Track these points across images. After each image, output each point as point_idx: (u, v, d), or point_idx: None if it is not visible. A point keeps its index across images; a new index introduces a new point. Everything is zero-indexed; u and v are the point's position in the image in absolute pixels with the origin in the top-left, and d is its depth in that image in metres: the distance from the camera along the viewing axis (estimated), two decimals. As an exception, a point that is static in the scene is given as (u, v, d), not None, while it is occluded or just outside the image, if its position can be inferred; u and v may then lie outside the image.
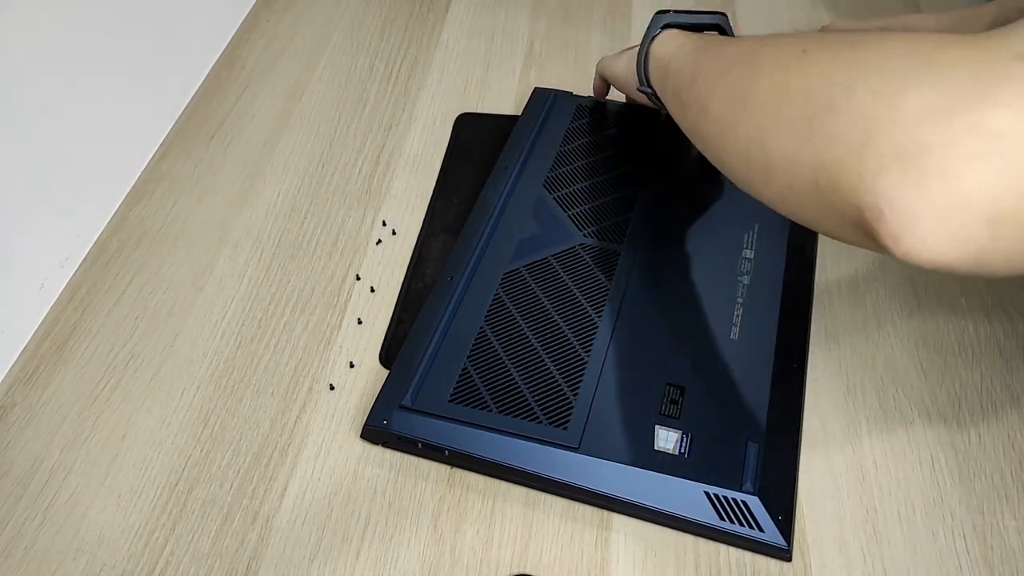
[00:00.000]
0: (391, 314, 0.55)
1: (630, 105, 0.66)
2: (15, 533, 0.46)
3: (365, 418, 0.48)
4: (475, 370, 0.48)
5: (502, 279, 0.53)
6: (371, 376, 0.52)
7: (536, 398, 0.47)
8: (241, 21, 0.78)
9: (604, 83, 0.62)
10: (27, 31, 0.53)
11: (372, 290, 0.57)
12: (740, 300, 0.51)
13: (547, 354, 0.49)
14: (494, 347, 0.49)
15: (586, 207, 0.57)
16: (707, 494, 0.43)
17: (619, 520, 0.45)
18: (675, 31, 0.50)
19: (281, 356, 0.53)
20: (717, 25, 0.52)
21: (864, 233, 0.31)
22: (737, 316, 0.50)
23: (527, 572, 0.43)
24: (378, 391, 0.48)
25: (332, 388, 0.51)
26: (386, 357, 0.53)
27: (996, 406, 0.49)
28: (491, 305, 0.52)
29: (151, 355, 0.54)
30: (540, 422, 0.46)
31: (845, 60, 0.34)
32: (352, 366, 0.52)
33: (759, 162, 0.37)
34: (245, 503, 0.47)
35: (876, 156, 0.30)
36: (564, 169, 0.60)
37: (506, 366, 0.48)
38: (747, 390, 0.47)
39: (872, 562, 0.43)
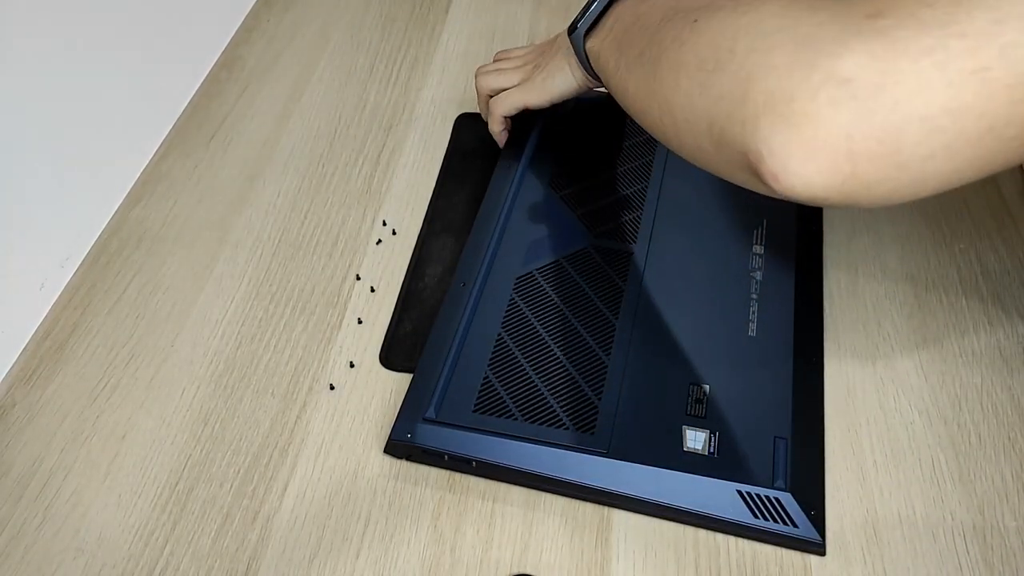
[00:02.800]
0: (391, 314, 0.55)
1: None
2: (15, 533, 0.46)
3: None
4: (496, 378, 0.48)
5: (515, 284, 0.53)
6: (371, 376, 0.52)
7: (561, 404, 0.47)
8: (241, 21, 0.78)
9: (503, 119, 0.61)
10: (27, 31, 0.53)
11: (372, 290, 0.57)
12: (755, 297, 0.51)
13: (568, 359, 0.49)
14: (514, 354, 0.49)
15: (594, 206, 0.57)
16: (740, 493, 0.43)
17: (619, 520, 0.45)
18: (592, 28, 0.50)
19: (281, 356, 0.53)
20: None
21: (754, 175, 0.35)
22: (753, 313, 0.50)
23: (527, 572, 0.43)
24: (378, 391, 0.48)
25: (332, 388, 0.51)
26: (386, 357, 0.53)
27: (996, 407, 0.49)
28: (507, 311, 0.51)
29: (151, 355, 0.54)
30: (567, 428, 0.46)
31: (728, 25, 0.38)
32: (352, 366, 0.52)
33: (671, 128, 0.41)
34: (245, 503, 0.47)
35: (753, 106, 0.34)
36: (570, 167, 0.60)
37: (527, 373, 0.48)
38: (770, 386, 0.47)
39: (872, 562, 0.43)
